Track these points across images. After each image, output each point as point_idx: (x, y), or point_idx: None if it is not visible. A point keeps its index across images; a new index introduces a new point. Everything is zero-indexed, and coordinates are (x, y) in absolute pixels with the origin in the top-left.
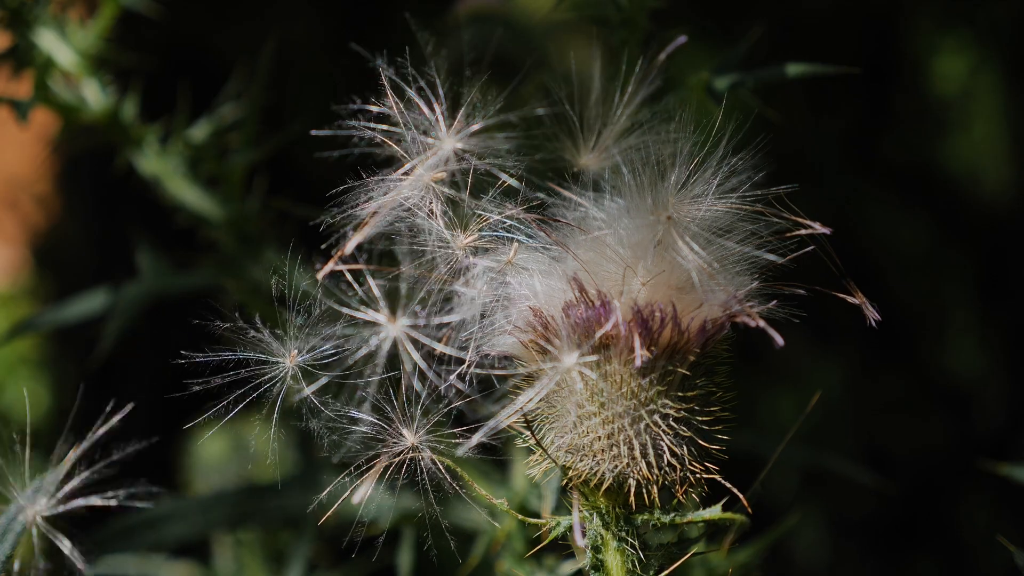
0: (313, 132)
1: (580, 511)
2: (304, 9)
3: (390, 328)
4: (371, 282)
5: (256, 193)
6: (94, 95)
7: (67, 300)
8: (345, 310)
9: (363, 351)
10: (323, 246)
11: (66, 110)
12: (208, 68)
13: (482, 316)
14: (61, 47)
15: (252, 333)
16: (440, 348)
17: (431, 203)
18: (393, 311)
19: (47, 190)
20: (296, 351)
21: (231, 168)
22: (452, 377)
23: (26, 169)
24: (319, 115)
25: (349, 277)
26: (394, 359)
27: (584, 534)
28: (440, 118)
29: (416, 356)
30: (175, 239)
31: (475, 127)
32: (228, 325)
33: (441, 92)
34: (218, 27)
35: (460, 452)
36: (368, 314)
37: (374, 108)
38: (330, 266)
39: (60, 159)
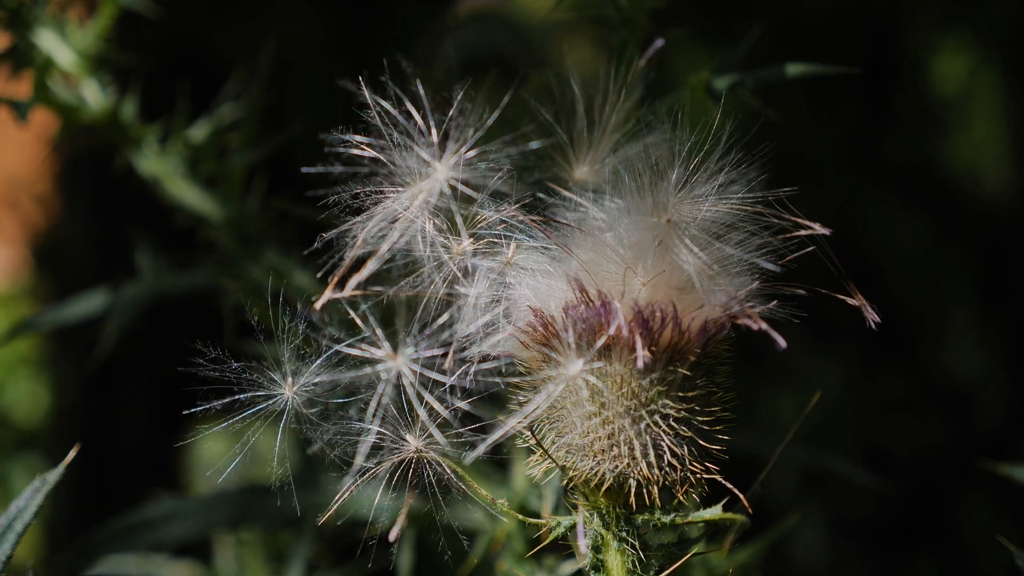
0: (304, 170)
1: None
2: (304, 9)
3: (392, 365)
4: (371, 318)
5: (256, 193)
6: (93, 95)
7: (67, 300)
8: (346, 348)
9: (364, 383)
10: (319, 275)
11: (66, 110)
12: (208, 68)
13: (483, 322)
14: (60, 47)
15: (251, 374)
16: (444, 379)
17: (425, 220)
18: (393, 340)
19: (47, 190)
20: (291, 379)
21: (231, 168)
22: (453, 392)
23: (26, 169)
24: (319, 115)
25: (351, 310)
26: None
27: (585, 535)
28: (433, 144)
29: (421, 391)
30: (175, 239)
31: (469, 155)
32: (222, 365)
33: (432, 122)
34: (218, 27)
35: (468, 460)
36: (370, 351)
37: (363, 138)
38: (327, 295)
39: (60, 159)
